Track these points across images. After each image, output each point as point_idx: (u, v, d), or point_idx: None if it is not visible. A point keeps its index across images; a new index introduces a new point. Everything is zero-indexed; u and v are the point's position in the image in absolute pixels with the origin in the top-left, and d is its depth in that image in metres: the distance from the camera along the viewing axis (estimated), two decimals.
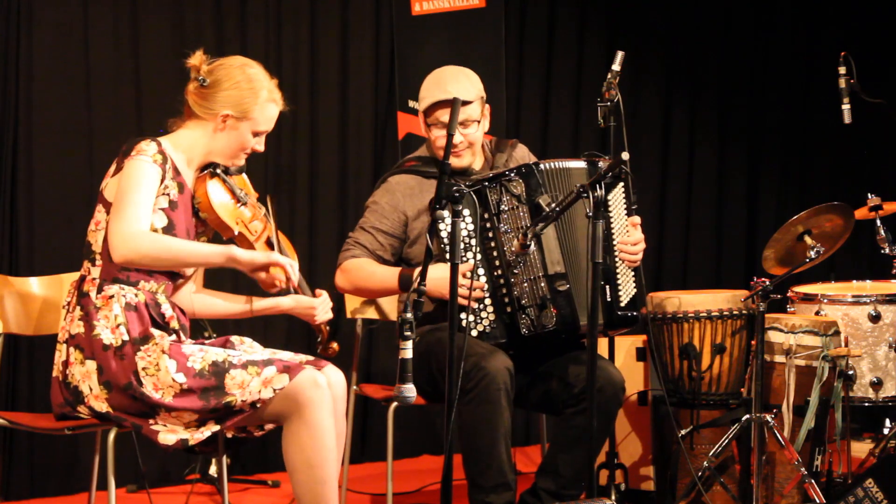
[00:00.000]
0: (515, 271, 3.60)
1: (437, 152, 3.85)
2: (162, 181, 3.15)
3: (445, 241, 3.55)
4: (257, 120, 3.26)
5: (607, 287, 3.66)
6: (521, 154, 4.00)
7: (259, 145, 3.32)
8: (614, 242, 3.71)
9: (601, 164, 3.69)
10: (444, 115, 3.79)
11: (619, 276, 3.71)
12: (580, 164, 3.70)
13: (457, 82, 3.80)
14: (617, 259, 3.71)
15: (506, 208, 3.62)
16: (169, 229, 3.17)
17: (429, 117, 3.83)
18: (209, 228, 3.35)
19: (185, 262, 3.20)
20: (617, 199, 3.74)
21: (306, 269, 5.24)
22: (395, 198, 3.86)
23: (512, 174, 3.63)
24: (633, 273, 3.75)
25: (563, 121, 5.88)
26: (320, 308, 3.41)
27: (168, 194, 3.18)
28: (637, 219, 3.77)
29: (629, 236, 3.73)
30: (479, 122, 3.82)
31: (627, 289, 3.73)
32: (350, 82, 5.32)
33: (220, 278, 3.97)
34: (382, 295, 3.99)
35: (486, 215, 3.63)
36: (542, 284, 3.59)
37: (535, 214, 3.56)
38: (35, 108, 4.62)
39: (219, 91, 3.23)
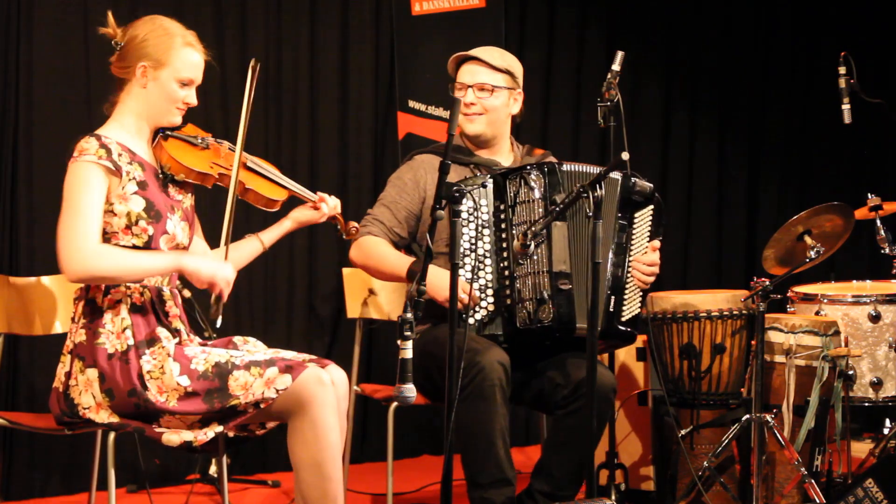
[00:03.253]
0: (521, 263, 3.60)
1: (461, 112, 3.83)
2: (119, 172, 3.11)
3: (464, 234, 3.57)
4: (175, 65, 3.20)
5: (613, 297, 3.66)
6: None
7: (190, 97, 3.25)
8: (630, 258, 3.72)
9: (636, 180, 3.72)
10: (462, 73, 3.83)
11: (627, 290, 3.71)
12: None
13: (487, 50, 3.86)
14: (629, 275, 3.71)
15: (522, 200, 3.62)
16: (150, 207, 3.15)
17: (456, 81, 3.85)
18: (188, 188, 3.32)
19: (137, 277, 3.15)
20: (643, 218, 3.76)
21: (306, 267, 5.25)
22: (418, 174, 3.86)
23: (533, 169, 3.64)
24: (640, 294, 3.75)
25: (563, 121, 5.88)
26: (325, 210, 3.49)
27: (134, 177, 3.15)
28: (657, 243, 3.77)
29: (644, 257, 3.74)
30: (494, 90, 3.80)
31: (631, 307, 3.73)
32: (350, 82, 5.33)
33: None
34: (390, 280, 3.95)
35: (501, 206, 3.64)
36: (545, 280, 3.59)
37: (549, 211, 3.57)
38: (35, 107, 4.63)
39: (132, 47, 3.20)
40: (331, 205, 3.50)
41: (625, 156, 3.38)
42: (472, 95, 3.80)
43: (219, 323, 3.22)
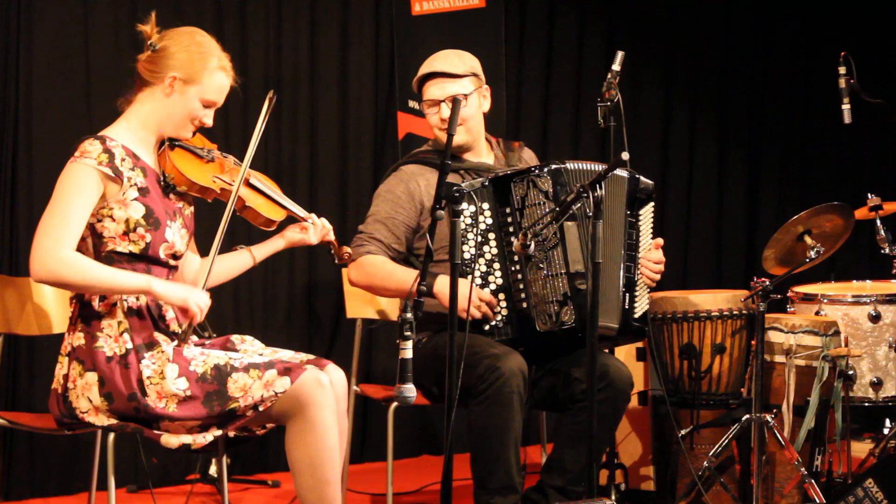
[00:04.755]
0: (541, 266, 3.59)
1: (432, 132, 3.86)
2: (120, 178, 3.10)
3: (469, 240, 3.57)
4: (205, 86, 3.21)
5: (626, 294, 3.67)
6: (529, 156, 4.01)
7: (208, 118, 3.25)
8: (639, 256, 3.72)
9: (640, 178, 3.73)
10: (430, 91, 3.81)
11: (638, 287, 3.72)
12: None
13: (445, 59, 3.81)
14: (639, 272, 3.71)
15: (531, 203, 3.60)
16: (149, 215, 3.14)
17: (422, 99, 3.84)
18: (188, 198, 3.33)
19: (102, 292, 3.12)
20: (647, 216, 3.77)
21: (306, 266, 5.25)
22: (411, 185, 3.82)
23: (541, 171, 3.62)
24: (648, 290, 3.76)
25: (563, 121, 5.88)
26: (311, 233, 3.47)
27: (136, 183, 3.14)
28: (660, 240, 3.78)
29: (651, 254, 3.75)
30: (466, 97, 3.77)
31: (642, 303, 3.74)
32: (350, 82, 5.32)
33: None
34: (397, 296, 3.91)
35: (507, 210, 3.62)
36: (563, 282, 3.58)
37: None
38: (35, 108, 4.62)
39: (168, 54, 3.19)
40: (325, 228, 3.48)
41: (625, 156, 3.38)
42: (446, 110, 3.76)
43: (185, 348, 3.22)
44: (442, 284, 3.57)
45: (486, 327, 3.61)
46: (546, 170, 3.62)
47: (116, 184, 3.11)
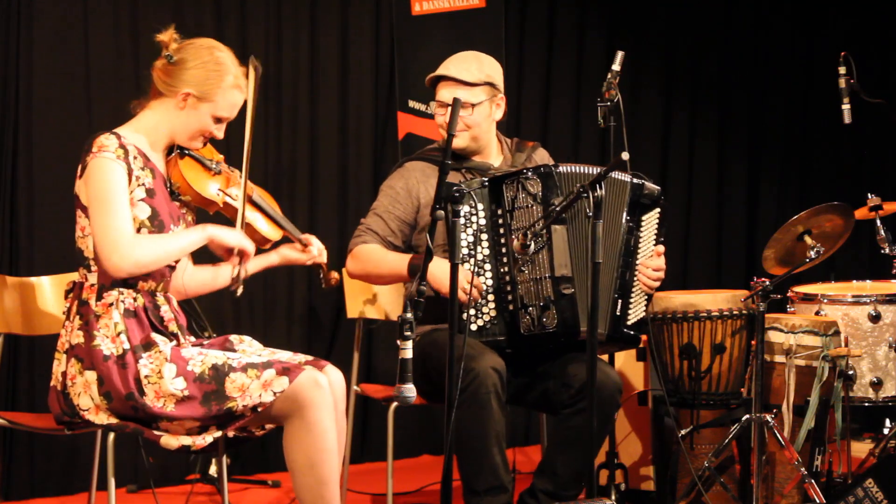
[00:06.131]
0: (523, 269, 3.59)
1: (434, 132, 3.87)
2: (130, 175, 3.13)
3: (461, 239, 3.56)
4: (218, 104, 3.22)
5: (619, 301, 3.65)
6: (541, 156, 3.99)
7: (219, 132, 3.27)
8: (637, 261, 3.71)
9: (645, 182, 3.72)
10: (441, 93, 3.82)
11: (633, 294, 3.70)
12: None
13: (462, 62, 3.81)
14: (636, 278, 3.71)
15: (520, 206, 3.60)
16: (154, 217, 3.16)
17: (435, 98, 3.85)
18: (190, 207, 3.34)
19: (177, 256, 3.20)
20: (650, 221, 3.75)
21: (306, 266, 5.24)
22: (410, 182, 3.83)
23: (530, 173, 3.62)
24: (645, 297, 3.75)
25: (563, 121, 5.88)
26: (307, 255, 3.47)
27: (143, 184, 3.16)
28: (661, 248, 3.76)
29: (650, 261, 3.74)
30: (475, 106, 3.77)
31: (637, 310, 3.72)
32: (350, 82, 5.33)
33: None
34: (392, 281, 3.96)
35: (499, 211, 3.62)
36: (548, 285, 3.57)
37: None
38: (35, 108, 4.62)
39: (184, 69, 3.20)
40: (317, 250, 3.47)
41: (625, 156, 3.37)
42: None
43: (240, 291, 3.25)
44: (435, 269, 3.56)
45: (473, 327, 3.61)
46: (535, 172, 3.62)
47: (129, 180, 3.13)
